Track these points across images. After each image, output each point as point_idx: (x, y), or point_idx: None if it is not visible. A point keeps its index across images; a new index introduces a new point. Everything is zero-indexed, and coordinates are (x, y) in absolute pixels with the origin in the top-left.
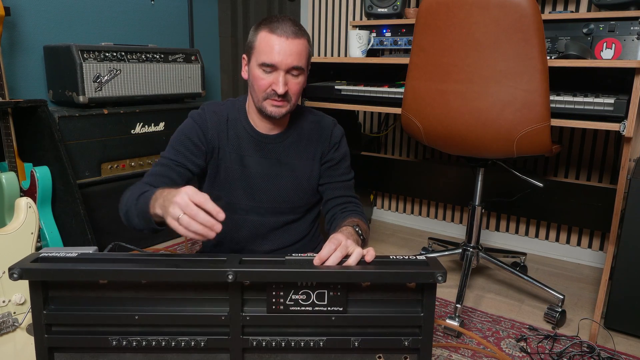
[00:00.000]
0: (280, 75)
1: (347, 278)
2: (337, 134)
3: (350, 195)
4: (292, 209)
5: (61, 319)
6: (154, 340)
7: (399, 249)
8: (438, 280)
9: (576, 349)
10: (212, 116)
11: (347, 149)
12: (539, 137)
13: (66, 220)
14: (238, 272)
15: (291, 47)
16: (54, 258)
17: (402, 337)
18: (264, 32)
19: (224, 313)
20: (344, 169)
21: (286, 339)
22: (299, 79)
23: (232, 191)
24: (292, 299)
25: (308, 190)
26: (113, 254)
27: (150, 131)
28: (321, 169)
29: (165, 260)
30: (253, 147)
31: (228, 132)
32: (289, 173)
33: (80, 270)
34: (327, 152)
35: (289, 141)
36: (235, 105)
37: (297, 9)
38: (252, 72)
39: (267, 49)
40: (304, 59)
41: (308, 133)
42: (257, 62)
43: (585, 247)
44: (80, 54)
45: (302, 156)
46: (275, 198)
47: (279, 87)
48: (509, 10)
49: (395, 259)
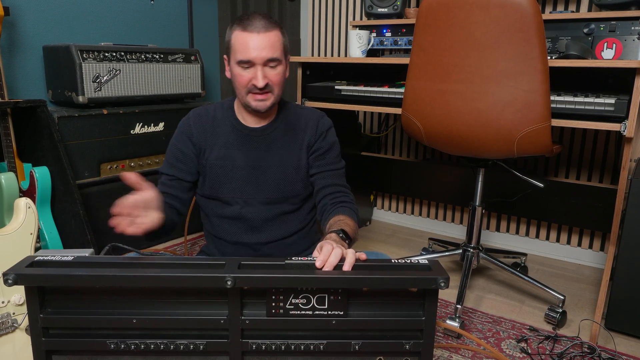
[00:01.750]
0: (258, 69)
1: (349, 283)
2: (324, 123)
3: (340, 184)
4: (284, 199)
5: (58, 322)
6: (152, 344)
7: (399, 249)
8: (440, 286)
9: (577, 349)
10: (196, 119)
11: (335, 139)
12: (539, 137)
13: (65, 221)
14: (237, 278)
15: (263, 40)
16: (49, 262)
17: (403, 340)
18: (237, 31)
19: (223, 317)
20: (332, 157)
21: (286, 342)
22: (277, 70)
23: (222, 186)
24: (292, 303)
25: (297, 179)
26: (109, 258)
27: (150, 131)
28: (310, 159)
29: (163, 265)
30: (240, 141)
31: (214, 130)
32: (276, 163)
33: (76, 276)
34: (313, 142)
35: (276, 132)
36: (225, 104)
37: (297, 9)
38: (233, 71)
39: (242, 46)
40: (278, 50)
41: (294, 123)
42: (235, 60)
43: (585, 248)
44: (79, 54)
45: (288, 146)
46: (264, 189)
47: (258, 81)
48: (509, 10)
49: (397, 262)
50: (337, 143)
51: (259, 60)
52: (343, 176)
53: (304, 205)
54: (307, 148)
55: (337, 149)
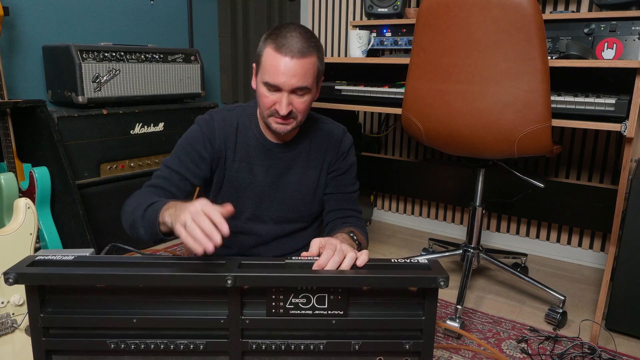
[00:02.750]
0: (284, 96)
1: (348, 283)
2: (346, 142)
3: (353, 208)
4: (298, 219)
5: (58, 322)
6: (152, 344)
7: (399, 249)
8: (440, 285)
9: (577, 350)
10: (220, 125)
11: (354, 160)
12: (539, 137)
13: (65, 221)
14: (237, 277)
15: (296, 67)
16: (50, 262)
17: (403, 340)
18: (269, 48)
19: (223, 316)
20: (349, 179)
21: (286, 342)
22: (304, 98)
23: (238, 200)
24: (292, 303)
25: (314, 200)
26: (110, 257)
27: (150, 131)
28: (327, 178)
29: (164, 264)
30: (262, 155)
31: (237, 140)
32: (295, 182)
33: (77, 275)
34: (334, 162)
35: (298, 150)
36: (246, 111)
37: (297, 9)
38: (258, 88)
39: (272, 68)
40: (310, 78)
41: (318, 142)
42: (261, 79)
43: (586, 248)
44: (79, 54)
45: (310, 165)
46: (282, 207)
47: (282, 109)
48: (509, 10)
49: (396, 262)
50: (355, 164)
51: (287, 87)
52: (356, 200)
53: (314, 223)
54: (327, 168)
55: (354, 171)
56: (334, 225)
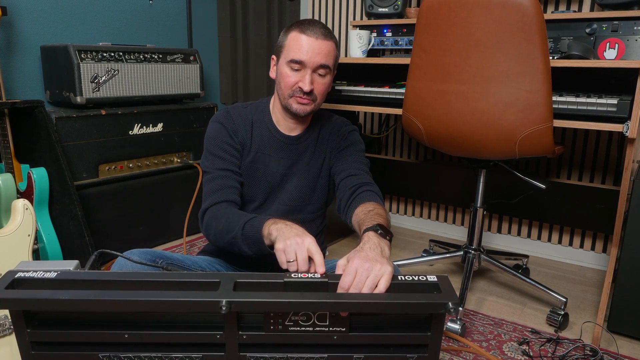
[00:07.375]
0: (308, 73)
1: (352, 308)
2: (346, 129)
3: (361, 168)
4: (303, 206)
5: (46, 336)
6: (146, 357)
7: (400, 251)
8: (450, 311)
9: (579, 352)
10: (239, 118)
11: (357, 139)
12: (541, 138)
13: (64, 222)
14: (232, 303)
15: (320, 46)
16: (30, 281)
17: (407, 354)
18: (294, 32)
19: (219, 332)
20: (354, 151)
21: (285, 355)
22: (325, 79)
23: (250, 189)
24: (292, 320)
25: (317, 185)
26: (96, 274)
27: (149, 132)
28: (331, 159)
29: (153, 284)
30: (275, 147)
31: (253, 133)
32: (303, 171)
33: (58, 301)
34: (335, 146)
35: (307, 142)
36: (259, 107)
37: (297, 9)
38: (280, 70)
39: (297, 47)
40: (331, 59)
41: (324, 134)
42: (285, 59)
43: (588, 250)
44: (77, 54)
45: (315, 155)
46: (288, 196)
47: (305, 85)
48: (511, 10)
49: (404, 280)
50: (361, 143)
51: (311, 64)
52: (366, 165)
53: (317, 216)
54: (329, 152)
55: (359, 147)
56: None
